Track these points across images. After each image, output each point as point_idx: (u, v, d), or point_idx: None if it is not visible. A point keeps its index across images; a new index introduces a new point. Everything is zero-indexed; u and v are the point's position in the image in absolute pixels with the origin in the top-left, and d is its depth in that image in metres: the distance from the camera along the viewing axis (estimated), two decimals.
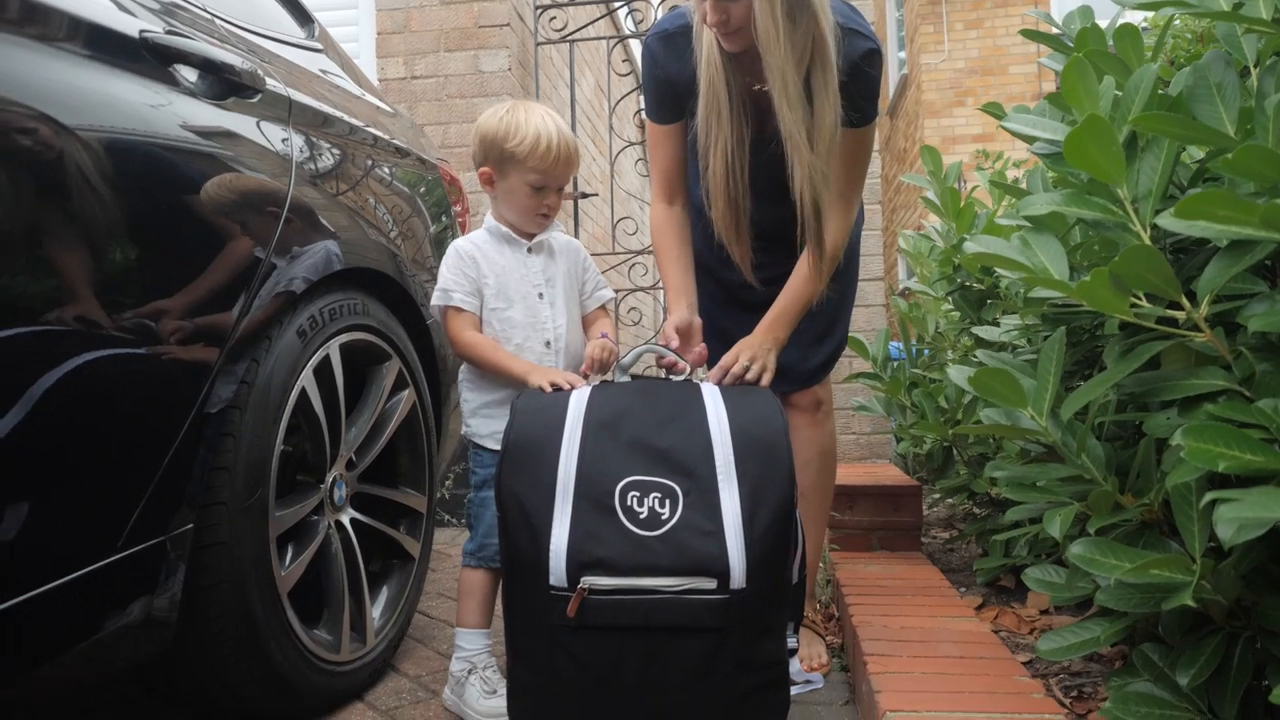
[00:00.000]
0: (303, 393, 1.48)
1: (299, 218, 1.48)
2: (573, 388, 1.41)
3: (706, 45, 1.52)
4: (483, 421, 1.60)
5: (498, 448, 1.53)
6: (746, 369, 1.53)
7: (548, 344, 1.60)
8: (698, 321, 1.63)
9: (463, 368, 1.64)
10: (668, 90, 1.64)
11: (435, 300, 1.61)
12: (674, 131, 1.69)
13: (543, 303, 1.61)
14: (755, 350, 1.56)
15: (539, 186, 1.57)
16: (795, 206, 1.51)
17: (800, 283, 1.62)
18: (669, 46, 1.61)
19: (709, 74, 1.52)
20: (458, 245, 1.62)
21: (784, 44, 1.41)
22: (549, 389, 1.43)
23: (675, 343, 1.56)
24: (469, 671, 1.53)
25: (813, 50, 1.44)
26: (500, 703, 1.46)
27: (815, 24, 1.43)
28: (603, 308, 1.73)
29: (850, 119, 1.54)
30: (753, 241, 1.64)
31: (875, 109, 1.59)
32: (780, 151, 1.49)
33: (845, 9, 1.53)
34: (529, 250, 1.62)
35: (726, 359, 1.55)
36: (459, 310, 1.58)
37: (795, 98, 1.45)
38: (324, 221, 1.56)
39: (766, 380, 1.54)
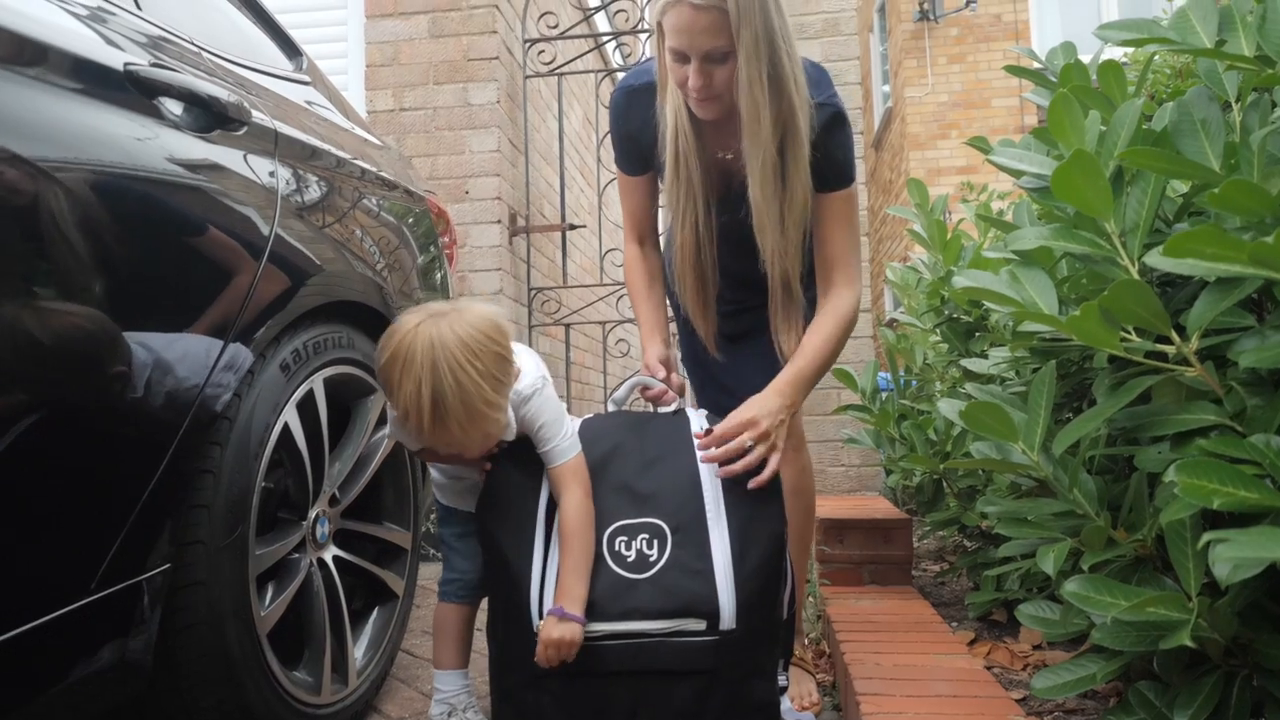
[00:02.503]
0: (285, 428, 1.45)
1: (283, 251, 1.46)
2: None
3: (673, 112, 1.48)
4: (432, 470, 1.61)
5: (443, 500, 1.58)
6: (749, 449, 1.33)
7: None
8: (675, 354, 1.62)
9: None
10: (632, 146, 1.62)
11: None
12: (641, 182, 1.67)
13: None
14: (764, 422, 1.35)
15: (430, 446, 1.34)
16: (763, 265, 1.49)
17: (820, 341, 1.50)
18: (632, 103, 1.59)
19: (677, 143, 1.49)
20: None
21: (769, 115, 1.38)
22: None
23: (661, 374, 1.54)
24: (449, 714, 1.49)
25: (785, 124, 1.42)
26: None
27: (791, 97, 1.40)
28: (564, 464, 1.32)
29: (828, 183, 1.51)
30: (725, 291, 1.61)
31: (852, 171, 1.55)
32: (746, 213, 1.47)
33: (812, 72, 1.50)
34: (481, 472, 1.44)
35: (727, 429, 1.35)
36: None
37: (772, 173, 1.42)
38: (309, 254, 1.54)
39: (773, 465, 1.33)
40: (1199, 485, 0.84)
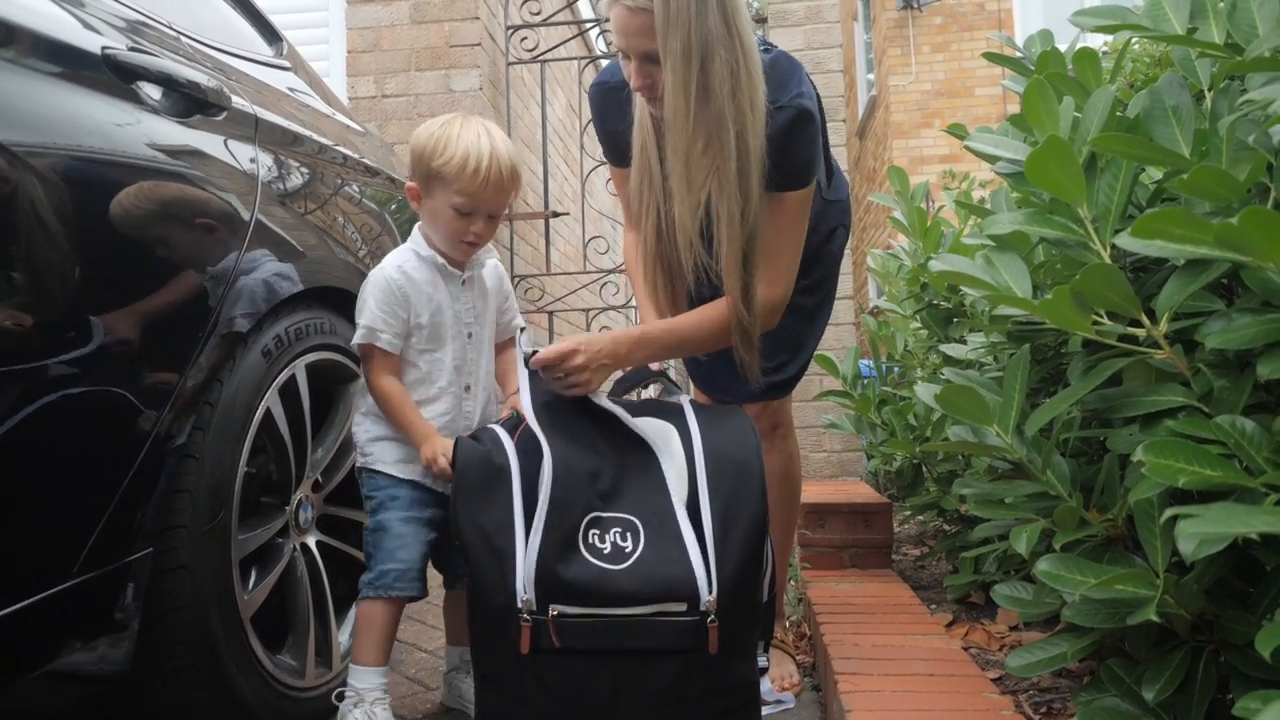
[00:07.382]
0: (268, 413, 1.45)
1: (264, 237, 1.46)
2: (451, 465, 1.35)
3: (639, 108, 1.48)
4: (387, 448, 1.50)
5: (402, 475, 1.48)
6: (562, 374, 1.37)
7: (468, 388, 1.55)
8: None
9: (368, 403, 1.53)
10: (611, 141, 1.63)
11: (359, 338, 1.48)
12: (630, 173, 1.66)
13: (471, 343, 1.55)
14: (580, 358, 1.37)
15: (466, 211, 1.46)
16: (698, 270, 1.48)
17: (693, 320, 1.49)
18: (607, 99, 1.59)
19: (641, 138, 1.48)
20: (388, 276, 1.48)
21: (691, 123, 1.34)
22: (430, 465, 1.40)
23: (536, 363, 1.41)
24: (356, 703, 1.41)
25: (712, 133, 1.36)
26: None
27: (721, 107, 1.33)
28: (511, 339, 1.64)
29: (778, 184, 1.45)
30: (691, 287, 1.58)
31: (808, 173, 1.49)
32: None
33: (784, 65, 1.46)
34: (463, 284, 1.54)
35: (548, 356, 1.37)
36: (384, 352, 1.47)
37: (696, 183, 1.39)
38: (290, 240, 1.54)
39: (576, 392, 1.37)
40: (1166, 465, 0.86)
